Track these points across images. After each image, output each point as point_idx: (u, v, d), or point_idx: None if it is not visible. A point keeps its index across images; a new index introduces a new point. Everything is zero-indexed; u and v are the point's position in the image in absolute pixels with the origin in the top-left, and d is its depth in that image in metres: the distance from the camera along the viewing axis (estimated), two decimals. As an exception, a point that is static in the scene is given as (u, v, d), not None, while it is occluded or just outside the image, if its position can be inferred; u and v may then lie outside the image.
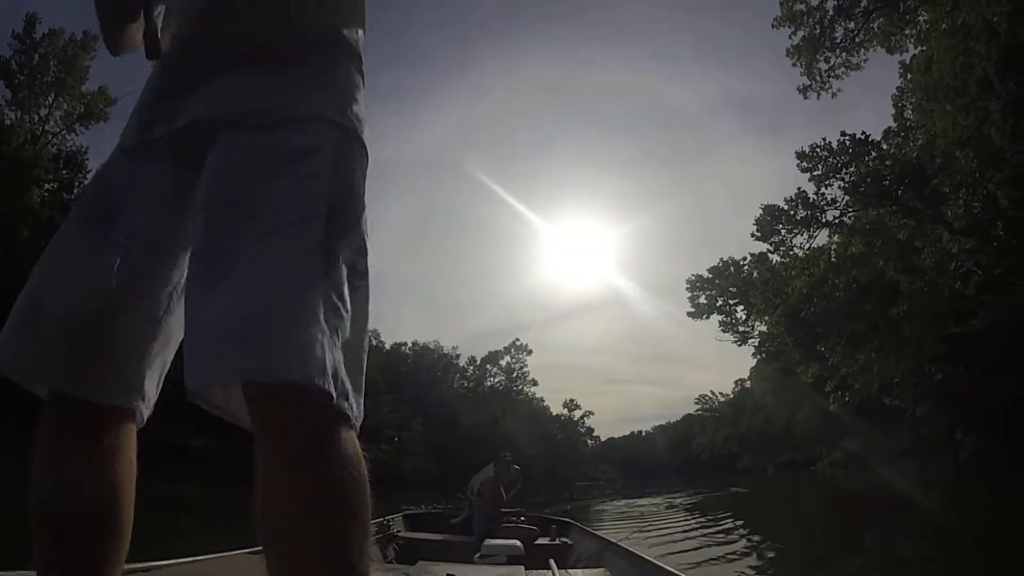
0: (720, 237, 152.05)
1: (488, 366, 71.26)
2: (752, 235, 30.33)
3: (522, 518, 6.44)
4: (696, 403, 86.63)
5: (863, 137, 26.06)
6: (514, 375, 72.39)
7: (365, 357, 0.98)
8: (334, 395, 0.85)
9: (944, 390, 24.43)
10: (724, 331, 46.71)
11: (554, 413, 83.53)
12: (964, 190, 22.50)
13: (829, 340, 27.97)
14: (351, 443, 0.88)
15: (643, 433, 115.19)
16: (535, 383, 73.89)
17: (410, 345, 64.61)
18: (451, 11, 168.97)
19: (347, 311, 0.94)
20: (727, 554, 7.34)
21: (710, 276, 45.88)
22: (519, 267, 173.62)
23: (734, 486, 28.64)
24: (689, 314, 47.52)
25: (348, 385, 0.90)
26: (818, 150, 26.09)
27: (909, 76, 25.53)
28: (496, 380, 71.22)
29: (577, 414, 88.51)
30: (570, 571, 4.26)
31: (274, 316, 0.85)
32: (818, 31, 23.06)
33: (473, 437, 54.72)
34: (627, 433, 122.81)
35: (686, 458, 73.03)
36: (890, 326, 25.11)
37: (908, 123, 27.50)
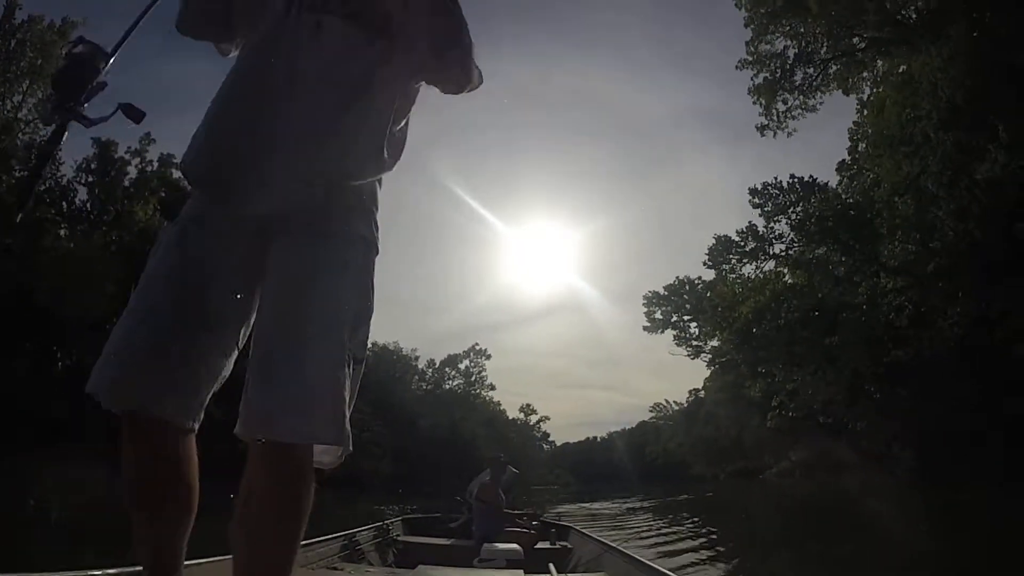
0: (681, 247, 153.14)
1: (447, 369, 70.73)
2: (704, 263, 32.43)
3: (534, 523, 6.42)
4: (651, 411, 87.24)
5: (810, 180, 27.98)
6: (472, 379, 72.42)
7: None
8: (350, 451, 1.28)
9: (882, 409, 26.42)
10: (678, 344, 48.14)
11: (510, 417, 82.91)
12: (899, 233, 24.31)
13: (771, 362, 29.96)
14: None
15: (598, 439, 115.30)
16: (493, 387, 73.84)
17: (370, 346, 64.71)
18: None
19: (355, 393, 1.30)
20: (675, 552, 7.99)
21: (666, 293, 47.15)
22: (480, 269, 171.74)
23: (685, 492, 30.01)
24: (645, 328, 48.57)
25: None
26: (769, 188, 27.87)
27: (865, 113, 26.85)
28: (455, 383, 70.77)
29: (533, 419, 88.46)
30: (569, 575, 4.39)
31: (328, 401, 1.22)
32: (779, 74, 24.29)
33: (432, 439, 54.46)
34: (582, 438, 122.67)
35: (640, 464, 73.62)
36: (825, 352, 26.79)
37: (859, 158, 28.64)
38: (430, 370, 69.29)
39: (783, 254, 28.79)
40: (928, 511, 11.94)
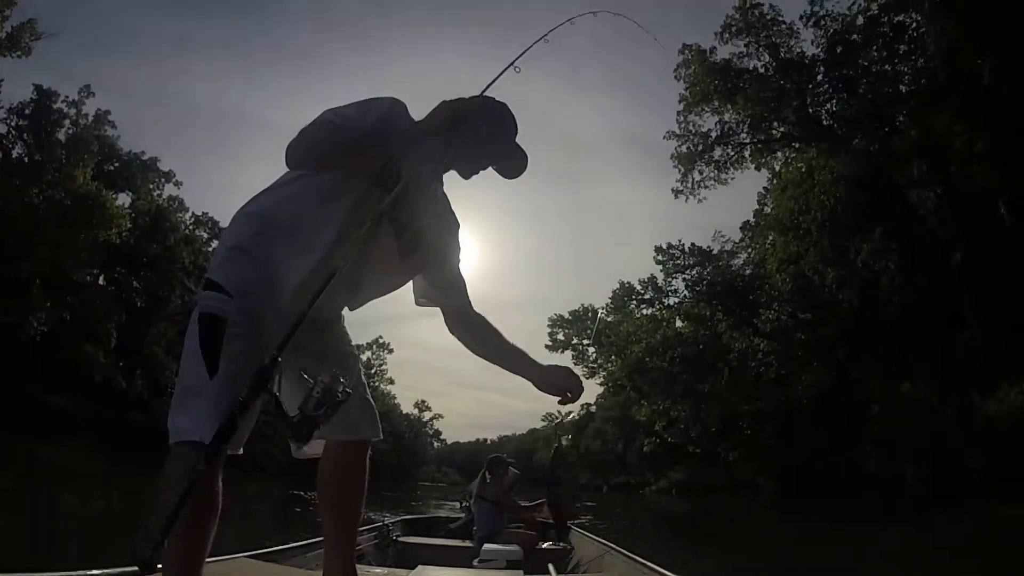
0: (595, 264, 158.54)
1: (348, 359, 71.28)
2: (605, 306, 36.19)
3: (545, 508, 6.46)
4: (543, 419, 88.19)
5: (707, 249, 31.47)
6: (373, 371, 73.04)
7: None
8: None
9: (751, 444, 30.53)
10: (575, 364, 51.36)
11: (404, 412, 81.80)
12: (775, 305, 28.19)
13: (654, 396, 33.56)
14: None
15: (488, 441, 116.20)
16: (392, 382, 73.73)
17: None
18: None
19: None
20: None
21: (569, 317, 50.02)
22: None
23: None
24: (547, 346, 51.67)
25: None
26: (672, 249, 31.14)
27: (773, 182, 28.76)
28: (356, 374, 71.15)
29: (427, 415, 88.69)
30: (569, 575, 4.44)
31: (377, 417, 1.98)
32: (700, 148, 26.48)
33: None
34: (473, 439, 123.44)
35: (527, 470, 75.76)
36: (699, 395, 30.72)
37: (756, 229, 31.83)
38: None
39: (675, 305, 32.48)
40: (783, 533, 13.44)
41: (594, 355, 46.58)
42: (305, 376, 1.43)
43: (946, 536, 9.33)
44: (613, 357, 37.96)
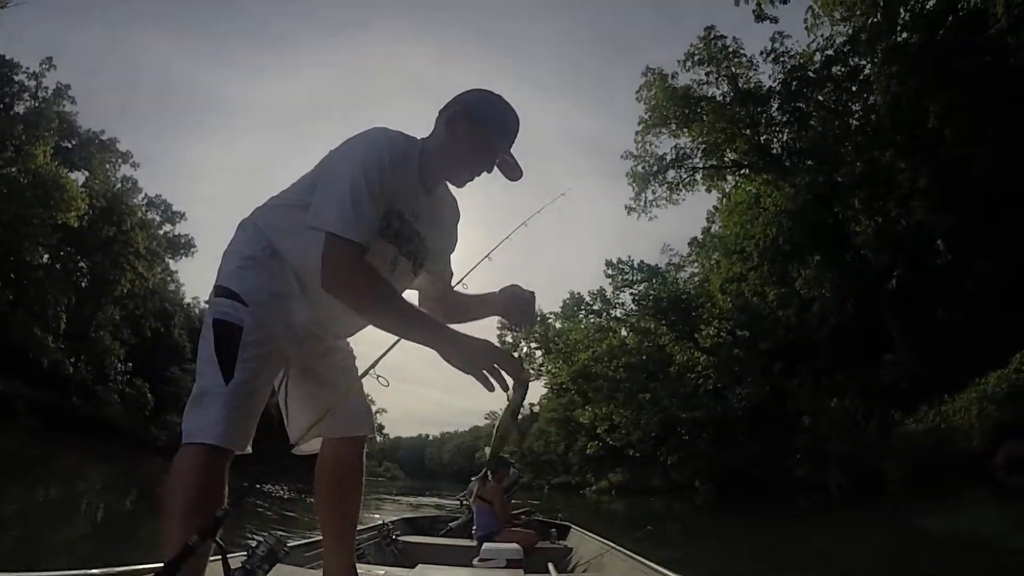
0: (540, 265, 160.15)
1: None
2: (554, 313, 37.27)
3: (532, 518, 6.39)
4: (486, 417, 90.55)
5: (655, 267, 32.74)
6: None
7: None
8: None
9: (689, 449, 32.17)
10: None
11: None
12: (716, 322, 29.71)
13: (598, 402, 34.86)
14: None
15: (430, 437, 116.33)
16: None
17: (192, 302, 60.80)
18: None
19: None
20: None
21: (517, 320, 51.44)
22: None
23: (513, 498, 33.53)
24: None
25: None
26: (622, 264, 32.16)
27: (723, 201, 29.55)
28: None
29: None
30: (569, 575, 4.44)
31: (371, 415, 2.08)
32: (655, 169, 27.50)
33: (266, 416, 54.60)
34: (415, 435, 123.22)
35: (468, 467, 76.44)
36: (639, 403, 32.06)
37: (708, 242, 32.91)
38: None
39: (622, 318, 33.78)
40: (716, 530, 14.24)
41: (540, 359, 47.74)
42: (256, 538, 1.84)
43: (863, 538, 10.32)
44: (560, 362, 39.12)
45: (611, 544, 4.41)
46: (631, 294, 32.05)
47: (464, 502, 6.83)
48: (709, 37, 25.31)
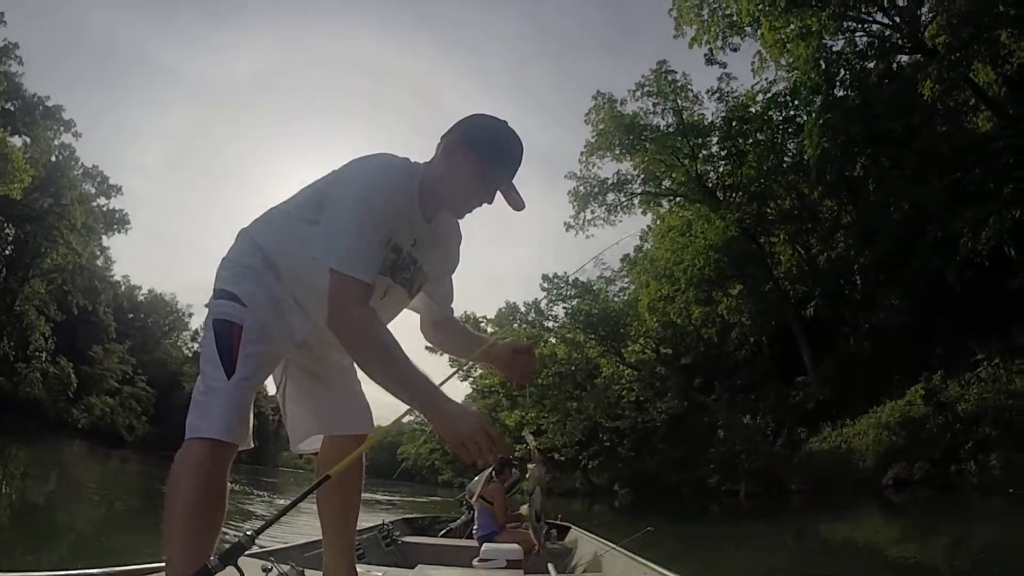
0: (476, 267, 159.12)
1: (223, 335, 67.81)
2: (488, 319, 38.21)
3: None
4: (410, 413, 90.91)
5: (588, 283, 33.57)
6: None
7: None
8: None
9: (610, 455, 33.49)
10: (452, 366, 52.31)
11: (270, 393, 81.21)
12: (642, 339, 31.30)
13: (525, 407, 35.68)
14: None
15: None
16: None
17: (146, 292, 59.37)
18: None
19: None
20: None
21: (450, 323, 51.81)
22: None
23: (435, 495, 33.91)
24: (427, 348, 52.93)
25: None
26: (557, 279, 32.67)
27: (657, 223, 31.36)
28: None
29: None
30: (569, 575, 4.40)
31: (370, 414, 1.99)
32: (596, 191, 28.54)
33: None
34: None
35: (389, 463, 75.90)
36: (566, 410, 33.45)
37: (638, 261, 33.85)
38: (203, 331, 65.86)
39: (555, 329, 34.61)
40: (632, 534, 16.35)
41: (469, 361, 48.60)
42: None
43: (769, 542, 11.46)
44: (488, 370, 39.99)
45: (611, 544, 4.37)
46: (564, 308, 33.22)
47: (464, 502, 6.71)
48: (660, 71, 26.42)
